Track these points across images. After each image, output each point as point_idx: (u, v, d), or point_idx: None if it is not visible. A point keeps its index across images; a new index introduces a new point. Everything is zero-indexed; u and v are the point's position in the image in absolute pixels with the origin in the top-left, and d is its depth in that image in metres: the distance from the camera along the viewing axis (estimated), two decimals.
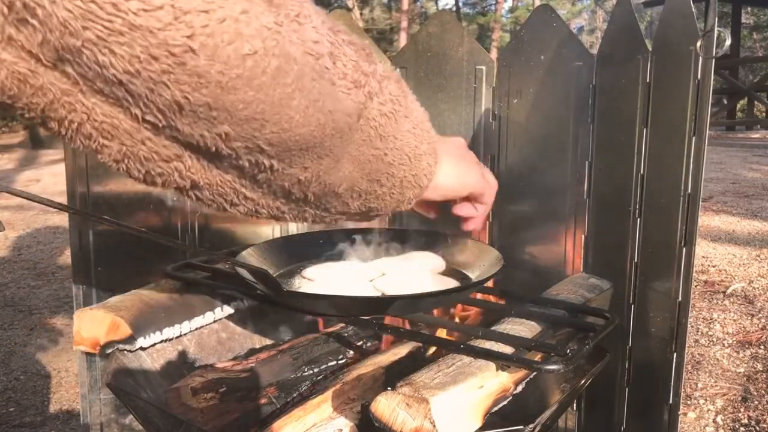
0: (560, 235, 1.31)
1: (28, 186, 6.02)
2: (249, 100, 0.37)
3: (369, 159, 0.48)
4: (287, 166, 0.43)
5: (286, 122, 0.39)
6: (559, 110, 1.27)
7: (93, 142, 0.38)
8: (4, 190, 0.58)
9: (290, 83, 0.38)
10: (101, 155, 0.39)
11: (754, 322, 2.27)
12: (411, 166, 0.53)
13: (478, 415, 0.80)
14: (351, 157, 0.47)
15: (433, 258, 1.15)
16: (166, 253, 1.27)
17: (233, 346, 1.17)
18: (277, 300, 0.97)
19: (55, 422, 1.89)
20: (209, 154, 0.40)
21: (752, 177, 5.15)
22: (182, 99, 0.35)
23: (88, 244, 1.25)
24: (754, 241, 3.23)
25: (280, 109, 0.38)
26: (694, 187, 1.02)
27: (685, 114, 1.02)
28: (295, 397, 1.03)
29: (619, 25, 1.18)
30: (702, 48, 0.96)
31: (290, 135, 0.40)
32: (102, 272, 1.27)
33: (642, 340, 1.16)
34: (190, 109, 0.36)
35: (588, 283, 1.19)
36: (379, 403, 0.77)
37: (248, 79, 0.36)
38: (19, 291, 3.01)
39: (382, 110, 0.47)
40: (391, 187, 0.52)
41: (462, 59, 1.39)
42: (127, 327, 0.99)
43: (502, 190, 1.40)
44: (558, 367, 0.80)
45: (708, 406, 1.79)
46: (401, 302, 0.94)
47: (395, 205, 0.56)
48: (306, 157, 0.43)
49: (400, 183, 0.53)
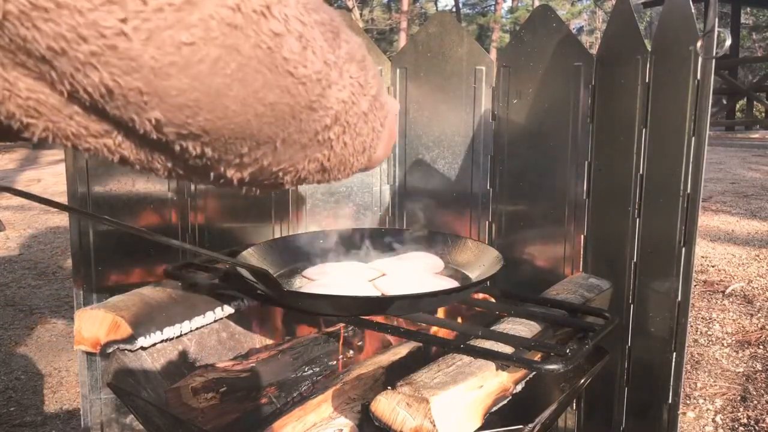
0: (560, 235, 1.31)
1: (29, 186, 6.02)
2: (183, 88, 0.36)
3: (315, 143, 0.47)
4: (222, 154, 0.42)
5: (221, 111, 0.38)
6: (559, 110, 1.28)
7: (15, 121, 0.36)
8: (4, 190, 0.58)
9: (230, 74, 0.37)
10: (25, 133, 0.37)
11: (753, 321, 2.27)
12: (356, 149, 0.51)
13: (478, 415, 0.80)
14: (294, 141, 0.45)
15: (432, 258, 1.15)
16: (166, 253, 1.28)
17: (233, 346, 1.17)
18: (277, 300, 0.98)
19: (55, 422, 1.89)
20: (139, 135, 0.38)
21: (751, 177, 5.15)
22: (111, 82, 0.34)
23: (89, 244, 1.25)
24: (753, 241, 3.23)
25: (215, 99, 0.38)
26: (694, 187, 1.02)
27: (684, 114, 1.02)
28: (295, 397, 1.03)
29: (619, 25, 1.18)
30: (702, 48, 0.96)
31: (225, 123, 0.39)
32: (102, 272, 1.27)
33: (641, 339, 1.16)
34: (119, 93, 0.35)
35: (588, 283, 1.19)
36: (380, 403, 0.77)
37: (183, 67, 0.35)
38: (19, 291, 3.01)
39: (339, 97, 0.46)
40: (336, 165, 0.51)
41: (462, 59, 1.39)
42: (128, 327, 0.99)
43: (503, 190, 1.42)
44: (558, 366, 0.80)
45: (707, 406, 1.80)
46: (401, 302, 0.95)
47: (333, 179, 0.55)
48: (243, 144, 0.42)
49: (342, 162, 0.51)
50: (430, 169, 1.46)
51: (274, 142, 0.43)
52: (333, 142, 0.48)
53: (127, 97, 0.35)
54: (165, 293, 1.09)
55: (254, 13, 0.37)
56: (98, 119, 0.38)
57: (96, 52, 0.33)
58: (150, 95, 0.36)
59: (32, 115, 0.36)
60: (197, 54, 0.35)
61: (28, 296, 2.95)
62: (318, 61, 0.42)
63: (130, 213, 1.28)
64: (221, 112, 0.38)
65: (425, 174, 1.48)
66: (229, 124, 0.39)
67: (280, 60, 0.39)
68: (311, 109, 0.44)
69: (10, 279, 3.20)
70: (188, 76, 0.36)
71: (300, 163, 0.48)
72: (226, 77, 0.37)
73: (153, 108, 0.36)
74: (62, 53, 0.33)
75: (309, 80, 0.42)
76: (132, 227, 0.86)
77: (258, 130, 0.41)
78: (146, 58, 0.34)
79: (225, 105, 0.38)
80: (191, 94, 0.37)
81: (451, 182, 1.45)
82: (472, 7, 25.00)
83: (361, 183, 1.52)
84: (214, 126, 0.39)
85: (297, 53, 0.40)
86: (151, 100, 0.36)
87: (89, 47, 0.33)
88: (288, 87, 0.41)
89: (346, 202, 1.52)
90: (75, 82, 0.34)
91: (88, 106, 0.36)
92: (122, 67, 0.34)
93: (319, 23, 0.43)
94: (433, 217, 1.48)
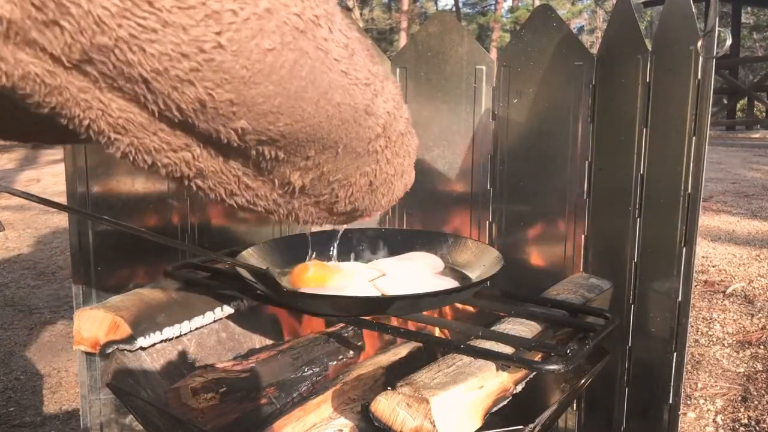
0: (560, 235, 1.31)
1: (28, 186, 6.02)
2: (268, 94, 0.38)
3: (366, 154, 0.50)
4: (292, 156, 0.44)
5: (299, 114, 0.40)
6: (559, 110, 1.27)
7: (103, 137, 0.37)
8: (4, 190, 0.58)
9: (304, 76, 0.39)
10: (109, 148, 0.39)
11: (754, 321, 2.27)
12: (396, 170, 0.56)
13: (478, 415, 0.80)
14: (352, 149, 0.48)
15: (432, 258, 1.15)
16: (166, 253, 1.27)
17: (233, 346, 1.17)
18: (277, 300, 0.97)
19: (55, 422, 1.89)
20: (220, 144, 0.40)
21: (752, 177, 5.15)
22: (206, 96, 0.35)
23: (88, 244, 1.25)
24: (754, 241, 3.23)
25: (294, 102, 0.39)
26: (695, 187, 1.02)
27: (685, 114, 1.02)
28: (295, 397, 1.03)
29: (619, 25, 1.18)
30: (702, 48, 0.96)
31: (301, 126, 0.41)
32: (102, 272, 1.27)
33: (642, 340, 1.16)
34: (212, 106, 0.36)
35: (588, 283, 1.19)
36: (380, 403, 0.77)
37: (268, 74, 0.37)
38: (19, 291, 3.01)
39: (385, 107, 0.49)
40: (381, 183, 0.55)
41: (462, 59, 1.39)
42: (127, 327, 0.99)
43: (503, 190, 1.41)
44: (558, 367, 0.80)
45: (708, 406, 1.79)
46: (401, 302, 0.94)
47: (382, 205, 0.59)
48: (311, 147, 0.44)
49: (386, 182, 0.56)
50: (430, 169, 1.46)
51: (337, 147, 0.46)
52: (379, 155, 0.52)
53: (218, 109, 0.37)
54: (165, 293, 1.09)
55: (310, 21, 0.39)
56: (182, 134, 0.39)
57: (195, 67, 0.34)
58: (239, 105, 0.37)
59: (119, 132, 0.37)
60: (279, 59, 0.37)
61: (27, 296, 2.95)
62: (363, 68, 0.45)
63: (130, 213, 1.28)
64: (299, 115, 0.40)
65: (425, 174, 1.48)
66: (305, 127, 0.42)
67: (333, 61, 0.42)
68: (367, 113, 0.47)
69: (10, 279, 3.20)
70: (272, 82, 0.37)
71: (353, 175, 0.51)
72: (302, 80, 0.39)
73: (240, 117, 0.38)
74: (164, 73, 0.33)
75: (360, 83, 0.45)
76: (132, 227, 0.86)
77: (327, 133, 0.44)
78: (238, 68, 0.35)
79: (302, 108, 0.40)
80: (275, 100, 0.38)
81: (451, 182, 1.45)
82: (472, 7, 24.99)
83: None
84: (291, 130, 0.41)
85: (345, 58, 0.43)
86: (239, 110, 0.37)
87: (190, 63, 0.34)
88: (347, 88, 0.44)
89: None
90: (169, 101, 0.35)
91: (176, 123, 0.37)
92: (216, 81, 0.35)
93: (358, 40, 0.46)
94: (433, 217, 1.47)
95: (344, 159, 0.48)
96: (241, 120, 0.38)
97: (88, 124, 0.36)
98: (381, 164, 0.53)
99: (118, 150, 0.39)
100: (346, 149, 0.47)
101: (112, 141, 0.38)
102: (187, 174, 0.42)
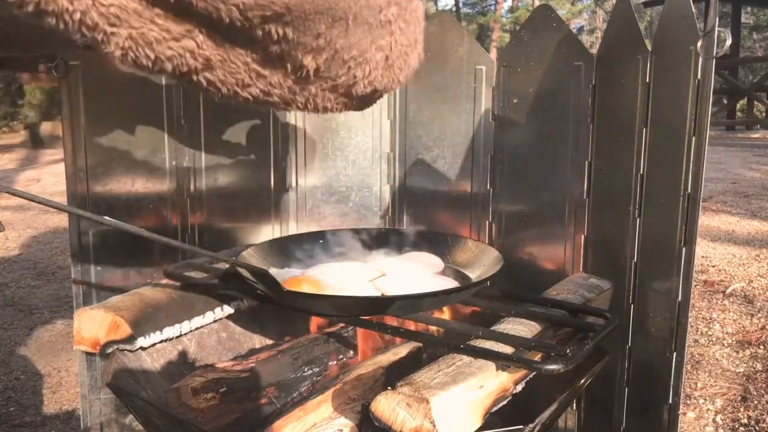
0: (560, 235, 1.31)
1: (28, 186, 6.02)
2: None
3: (378, 25, 0.48)
4: (301, 35, 0.42)
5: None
6: (559, 110, 1.27)
7: (98, 32, 0.36)
8: (4, 190, 0.58)
9: None
10: (107, 45, 0.37)
11: (754, 321, 2.27)
12: (410, 39, 0.54)
13: (478, 415, 0.80)
14: (363, 21, 0.46)
15: (432, 258, 1.15)
16: (166, 253, 1.28)
17: (233, 346, 1.17)
18: (277, 300, 0.97)
19: (55, 422, 1.89)
20: (222, 26, 0.39)
21: (752, 177, 5.15)
22: None
23: (88, 244, 1.25)
24: (753, 241, 3.23)
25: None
26: (694, 187, 1.02)
27: (685, 114, 1.02)
28: (295, 396, 1.03)
29: (619, 25, 1.18)
30: (702, 48, 0.96)
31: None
32: (102, 272, 1.27)
33: (642, 340, 1.16)
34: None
35: (588, 283, 1.19)
36: (380, 403, 0.77)
37: None
38: (19, 291, 3.01)
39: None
40: (397, 56, 0.53)
41: (462, 59, 1.39)
42: (127, 327, 0.99)
43: (503, 190, 1.42)
44: (558, 366, 0.80)
45: (707, 406, 1.80)
46: (401, 302, 0.94)
47: (400, 80, 0.57)
48: (320, 21, 0.42)
49: (401, 54, 0.54)
50: (430, 169, 1.46)
51: (347, 19, 0.44)
52: (393, 26, 0.49)
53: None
54: (165, 293, 1.09)
55: None
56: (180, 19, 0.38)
57: None
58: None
59: (114, 23, 0.36)
60: None
61: (27, 296, 2.95)
62: None
63: (130, 213, 1.28)
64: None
65: (425, 174, 1.48)
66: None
67: None
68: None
69: (10, 279, 3.20)
70: None
71: (368, 51, 0.49)
72: None
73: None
74: None
75: None
76: (132, 227, 0.86)
77: (335, 2, 0.42)
78: None
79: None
80: None
81: (451, 182, 1.45)
82: (472, 7, 24.98)
83: (361, 183, 1.52)
84: (297, 1, 0.39)
85: None
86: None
87: None
88: None
89: (347, 202, 1.52)
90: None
91: (171, 5, 0.36)
92: None
93: None
94: (433, 217, 1.47)
95: (356, 32, 0.46)
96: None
97: (80, 19, 0.35)
98: (396, 35, 0.50)
99: (118, 46, 0.37)
100: (356, 21, 0.45)
101: (109, 36, 0.36)
102: (194, 66, 0.40)
